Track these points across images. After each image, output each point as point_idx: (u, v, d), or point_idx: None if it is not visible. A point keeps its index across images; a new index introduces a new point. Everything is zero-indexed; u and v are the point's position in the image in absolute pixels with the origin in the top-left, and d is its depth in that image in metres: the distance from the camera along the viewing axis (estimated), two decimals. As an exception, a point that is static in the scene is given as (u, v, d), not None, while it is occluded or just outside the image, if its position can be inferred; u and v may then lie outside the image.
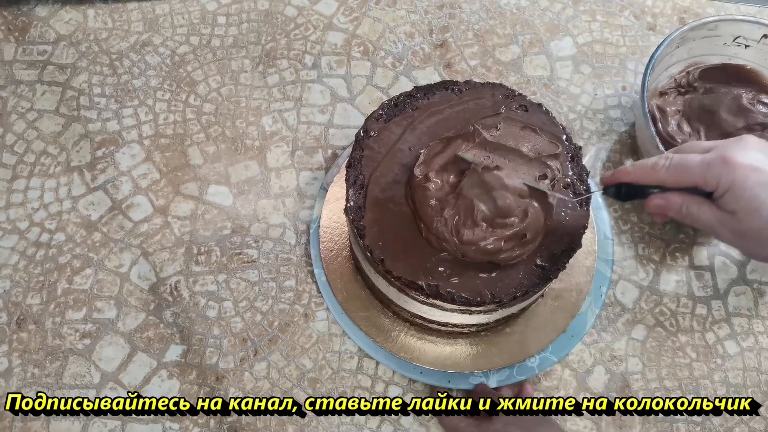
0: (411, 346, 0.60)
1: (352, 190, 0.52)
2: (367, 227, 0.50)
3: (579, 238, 0.50)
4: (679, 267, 0.65)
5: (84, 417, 0.59)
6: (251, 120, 0.69)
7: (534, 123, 0.54)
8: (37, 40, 0.72)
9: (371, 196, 0.51)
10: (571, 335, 0.60)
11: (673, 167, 0.43)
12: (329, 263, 0.62)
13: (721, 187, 0.41)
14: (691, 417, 0.60)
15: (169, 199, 0.66)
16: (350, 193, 0.52)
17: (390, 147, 0.53)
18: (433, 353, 0.59)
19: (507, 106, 0.54)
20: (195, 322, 0.62)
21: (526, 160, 0.51)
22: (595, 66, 0.73)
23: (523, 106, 0.55)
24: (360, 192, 0.52)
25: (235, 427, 0.59)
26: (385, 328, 0.60)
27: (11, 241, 0.64)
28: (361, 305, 0.61)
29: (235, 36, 0.73)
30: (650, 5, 0.76)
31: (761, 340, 0.63)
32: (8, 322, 0.61)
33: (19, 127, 0.69)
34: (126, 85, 0.70)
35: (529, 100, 0.55)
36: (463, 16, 0.75)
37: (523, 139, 0.52)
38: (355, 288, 0.61)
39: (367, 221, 0.51)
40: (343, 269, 0.62)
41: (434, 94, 0.56)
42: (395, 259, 0.49)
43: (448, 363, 0.59)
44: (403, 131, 0.54)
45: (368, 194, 0.52)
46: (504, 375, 0.59)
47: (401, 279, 0.49)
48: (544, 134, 0.53)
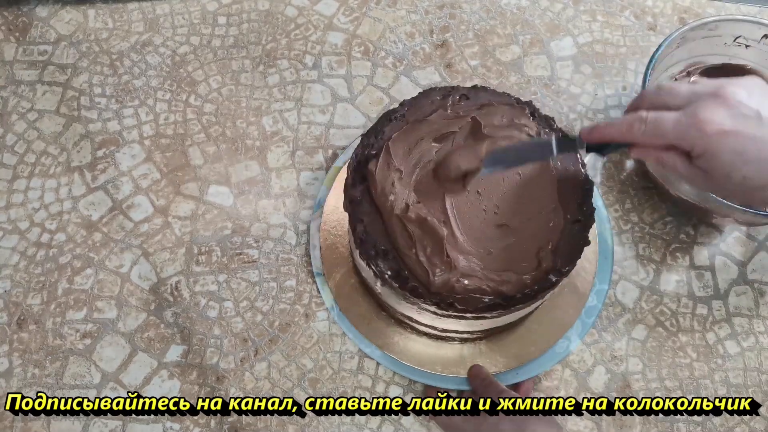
0: (410, 347, 0.60)
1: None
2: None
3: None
4: (680, 267, 0.65)
5: (84, 417, 0.59)
6: (252, 120, 0.69)
7: (483, 101, 0.54)
8: (37, 41, 0.72)
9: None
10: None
11: (649, 129, 0.43)
12: (329, 264, 0.62)
13: (695, 151, 0.42)
14: (691, 417, 0.60)
15: (169, 199, 0.66)
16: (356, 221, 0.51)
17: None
18: (434, 355, 0.59)
19: (451, 106, 0.54)
20: (195, 322, 0.62)
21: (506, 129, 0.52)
22: (595, 66, 0.73)
23: (463, 95, 0.55)
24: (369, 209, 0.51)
25: (235, 427, 0.59)
26: (384, 329, 0.60)
27: (12, 241, 0.64)
28: (361, 306, 0.61)
29: (236, 36, 0.73)
30: (650, 5, 0.76)
31: (762, 340, 0.63)
32: (9, 322, 0.61)
33: (20, 128, 0.69)
34: (126, 85, 0.71)
35: (466, 87, 0.55)
36: (463, 16, 0.75)
37: (488, 114, 0.53)
38: (355, 289, 0.61)
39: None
40: (343, 270, 0.62)
41: (383, 125, 0.54)
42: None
43: (448, 365, 0.59)
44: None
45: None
46: (506, 377, 0.59)
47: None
48: (500, 105, 0.53)
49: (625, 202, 0.67)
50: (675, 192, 0.62)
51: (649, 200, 0.67)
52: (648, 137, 0.44)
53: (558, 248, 0.49)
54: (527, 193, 0.51)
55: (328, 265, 0.62)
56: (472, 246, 0.49)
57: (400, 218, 0.49)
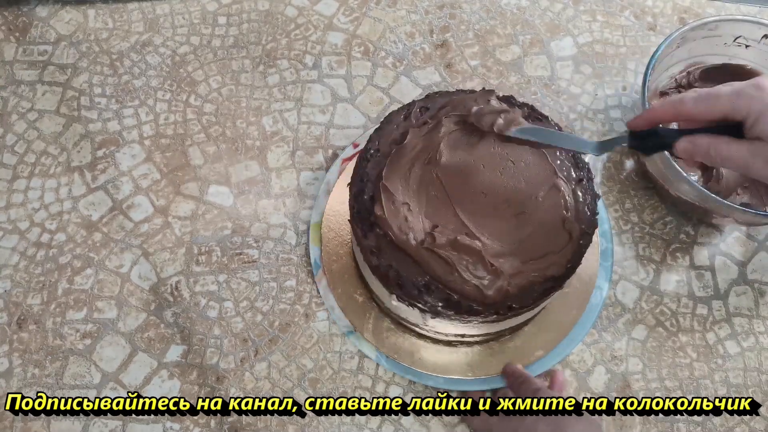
0: (411, 349, 0.60)
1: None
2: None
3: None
4: (680, 267, 0.65)
5: (84, 417, 0.59)
6: (252, 120, 0.69)
7: (442, 103, 0.54)
8: (37, 41, 0.72)
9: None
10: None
11: (701, 98, 0.42)
12: (329, 265, 0.62)
13: (752, 114, 0.40)
14: (691, 417, 0.60)
15: (169, 199, 0.66)
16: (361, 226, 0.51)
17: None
18: (434, 357, 0.59)
19: (417, 121, 0.54)
20: (196, 322, 0.62)
21: None
22: (595, 66, 0.73)
23: (422, 108, 0.54)
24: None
25: (235, 427, 0.59)
26: (384, 331, 0.60)
27: (12, 241, 0.64)
28: (361, 308, 0.61)
29: (236, 36, 0.73)
30: (650, 5, 0.76)
31: (762, 340, 0.63)
32: (9, 322, 0.61)
33: (20, 128, 0.69)
34: (126, 85, 0.71)
35: (420, 99, 0.55)
36: (463, 16, 0.75)
37: (457, 108, 0.53)
38: (356, 290, 0.61)
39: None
40: (344, 271, 0.62)
41: (364, 168, 0.53)
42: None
43: (450, 368, 0.59)
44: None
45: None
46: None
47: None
48: (460, 100, 0.54)
49: (625, 202, 0.67)
50: (675, 192, 0.62)
51: (649, 200, 0.67)
52: (699, 105, 0.42)
53: (578, 215, 0.50)
54: (526, 176, 0.51)
55: (328, 266, 0.62)
56: (503, 244, 0.49)
57: (430, 249, 0.49)
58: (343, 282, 0.62)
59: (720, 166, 0.43)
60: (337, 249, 0.63)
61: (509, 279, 0.48)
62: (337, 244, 0.63)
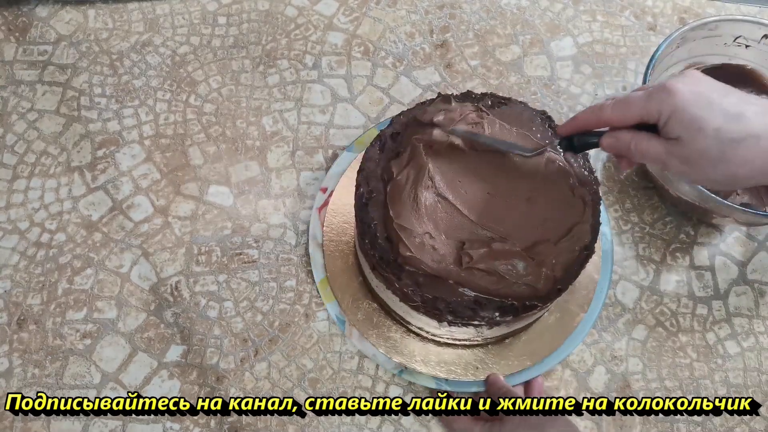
0: (411, 350, 0.60)
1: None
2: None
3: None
4: (680, 267, 0.65)
5: (84, 417, 0.59)
6: (252, 120, 0.69)
7: (406, 122, 0.55)
8: (37, 41, 0.72)
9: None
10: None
11: (617, 105, 0.44)
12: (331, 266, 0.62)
13: (663, 114, 0.42)
14: (691, 417, 0.60)
15: (169, 199, 0.66)
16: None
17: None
18: (435, 358, 0.59)
19: (394, 149, 0.54)
20: (195, 322, 0.62)
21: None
22: (595, 66, 0.73)
23: (394, 134, 0.54)
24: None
25: (235, 427, 0.59)
26: (385, 331, 0.60)
27: (12, 241, 0.64)
28: (362, 308, 0.61)
29: (236, 36, 0.73)
30: (650, 5, 0.76)
31: (762, 340, 0.63)
32: (9, 322, 0.61)
33: (20, 128, 0.69)
34: (126, 85, 0.70)
35: (387, 129, 0.55)
36: (463, 16, 0.75)
37: (434, 124, 0.54)
38: (357, 291, 0.61)
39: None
40: (345, 271, 0.62)
41: (366, 212, 0.52)
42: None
43: (451, 369, 0.59)
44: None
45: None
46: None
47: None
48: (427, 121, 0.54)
49: (625, 202, 0.67)
50: (675, 192, 0.62)
51: (649, 200, 0.67)
52: (617, 112, 0.44)
53: (580, 179, 0.51)
54: (520, 162, 0.52)
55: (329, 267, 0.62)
56: (529, 233, 0.50)
57: (472, 269, 0.49)
58: (369, 325, 0.61)
59: (641, 161, 0.46)
60: (338, 251, 0.63)
61: (552, 265, 0.49)
62: (339, 246, 0.63)
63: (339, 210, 0.63)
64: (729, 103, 0.41)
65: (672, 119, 0.42)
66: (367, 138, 0.66)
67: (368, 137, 0.65)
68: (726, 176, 0.42)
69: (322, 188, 0.65)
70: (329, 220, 0.63)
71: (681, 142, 0.42)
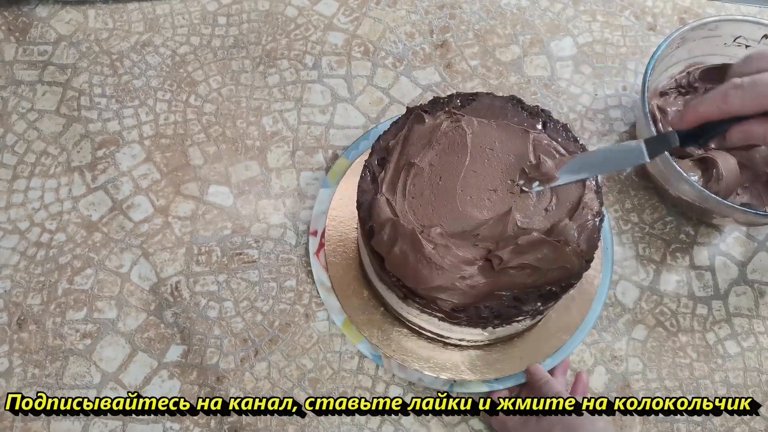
0: (412, 350, 0.60)
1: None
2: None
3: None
4: (680, 267, 0.65)
5: (84, 417, 0.59)
6: (252, 120, 0.69)
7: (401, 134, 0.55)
8: (37, 41, 0.72)
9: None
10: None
11: (747, 94, 0.40)
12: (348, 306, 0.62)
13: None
14: (691, 417, 0.60)
15: (169, 199, 0.66)
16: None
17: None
18: (437, 358, 0.59)
19: (395, 161, 0.54)
20: (195, 322, 0.62)
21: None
22: (595, 66, 0.73)
23: (379, 160, 0.54)
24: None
25: (235, 427, 0.59)
26: (386, 331, 0.60)
27: (12, 241, 0.64)
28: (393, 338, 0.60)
29: (236, 36, 0.73)
30: (650, 5, 0.76)
31: (762, 340, 0.63)
32: (9, 322, 0.61)
33: (20, 128, 0.69)
34: (126, 85, 0.70)
35: (372, 159, 0.54)
36: (463, 16, 0.75)
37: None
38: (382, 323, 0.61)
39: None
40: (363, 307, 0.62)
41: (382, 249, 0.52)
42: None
43: (453, 369, 0.59)
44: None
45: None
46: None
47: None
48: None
49: (625, 202, 0.67)
50: (675, 192, 0.62)
51: (649, 200, 0.67)
52: (747, 101, 0.40)
53: (569, 151, 0.53)
54: (508, 150, 0.53)
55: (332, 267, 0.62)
56: (542, 215, 0.51)
57: (506, 269, 0.49)
58: (405, 352, 0.60)
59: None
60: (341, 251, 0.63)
61: (577, 240, 0.50)
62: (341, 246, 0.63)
63: (337, 250, 0.62)
64: None
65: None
66: (338, 169, 0.65)
67: (338, 168, 0.65)
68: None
69: (312, 231, 0.63)
70: (331, 262, 0.62)
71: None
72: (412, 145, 0.53)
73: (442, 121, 0.53)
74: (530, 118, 0.54)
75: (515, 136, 0.53)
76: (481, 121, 0.54)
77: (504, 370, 0.59)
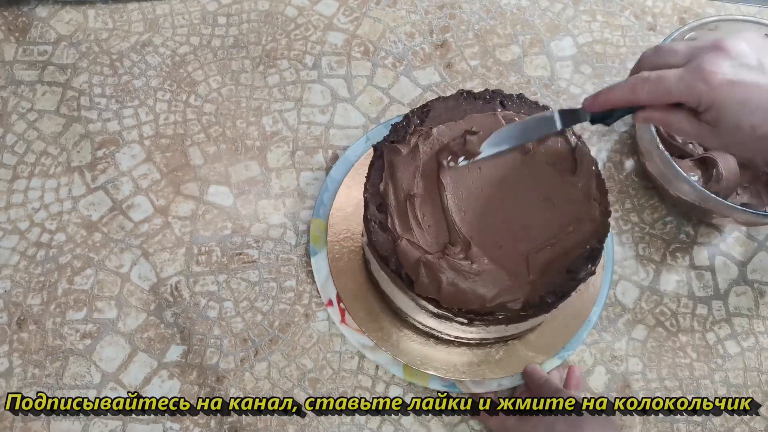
0: (414, 350, 0.60)
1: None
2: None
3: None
4: (680, 267, 0.65)
5: (84, 417, 0.59)
6: (252, 120, 0.69)
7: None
8: (37, 41, 0.72)
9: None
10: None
11: (653, 89, 0.43)
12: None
13: (702, 104, 0.41)
14: (691, 417, 0.60)
15: (169, 199, 0.66)
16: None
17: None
18: (439, 359, 0.59)
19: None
20: (195, 322, 0.62)
21: None
22: (595, 66, 0.73)
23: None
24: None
25: (235, 427, 0.59)
26: (387, 331, 0.60)
27: (12, 241, 0.64)
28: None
29: (236, 36, 0.73)
30: (650, 5, 0.76)
31: (762, 340, 0.63)
32: (9, 322, 0.61)
33: (20, 128, 0.69)
34: (126, 85, 0.71)
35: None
36: (463, 16, 0.75)
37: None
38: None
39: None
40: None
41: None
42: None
43: (457, 369, 0.59)
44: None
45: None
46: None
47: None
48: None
49: (625, 202, 0.67)
50: (675, 192, 0.62)
51: (649, 200, 0.67)
52: (653, 96, 0.43)
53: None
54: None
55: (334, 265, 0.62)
56: (564, 223, 0.51)
57: (526, 257, 0.49)
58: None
59: (675, 133, 0.45)
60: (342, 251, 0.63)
61: (591, 190, 0.51)
62: (343, 245, 0.63)
63: (357, 311, 0.61)
64: (766, 97, 0.40)
65: (710, 111, 0.41)
66: (318, 230, 0.63)
67: (318, 230, 0.63)
68: (758, 154, 0.43)
69: (327, 303, 0.61)
70: (360, 319, 0.61)
71: (718, 130, 0.42)
72: (402, 178, 0.52)
73: (416, 142, 0.53)
74: (486, 103, 0.54)
75: (487, 122, 0.53)
76: (448, 124, 0.53)
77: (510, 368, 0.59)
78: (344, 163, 0.65)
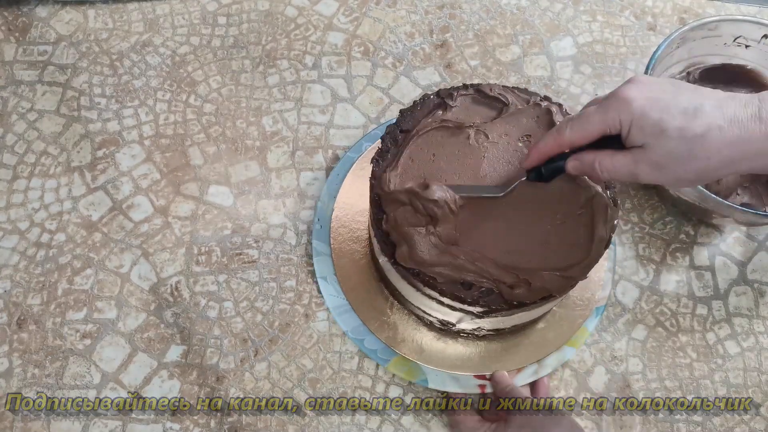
0: (416, 347, 0.60)
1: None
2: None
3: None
4: (680, 267, 0.65)
5: (84, 417, 0.59)
6: (252, 120, 0.69)
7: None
8: (37, 41, 0.72)
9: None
10: None
11: (575, 124, 0.44)
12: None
13: (624, 124, 0.42)
14: (691, 417, 0.60)
15: (169, 199, 0.66)
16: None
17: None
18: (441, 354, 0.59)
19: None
20: (195, 322, 0.62)
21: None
22: (595, 66, 0.73)
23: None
24: None
25: (235, 427, 0.59)
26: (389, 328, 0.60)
27: (12, 241, 0.64)
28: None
29: (236, 36, 0.73)
30: (650, 5, 0.76)
31: (762, 340, 0.63)
32: (9, 322, 0.61)
33: (20, 128, 0.69)
34: (126, 85, 0.71)
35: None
36: (463, 17, 0.75)
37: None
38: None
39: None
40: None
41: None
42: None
43: (457, 364, 0.59)
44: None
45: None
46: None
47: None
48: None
49: (625, 202, 0.67)
50: (675, 192, 0.62)
51: (649, 200, 0.67)
52: (577, 131, 0.44)
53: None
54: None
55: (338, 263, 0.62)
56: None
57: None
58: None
59: (608, 179, 0.46)
60: (344, 249, 0.63)
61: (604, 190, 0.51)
62: (344, 243, 0.63)
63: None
64: (684, 100, 0.41)
65: (634, 127, 0.41)
66: (319, 230, 0.63)
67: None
68: (697, 172, 0.42)
69: None
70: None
71: (647, 148, 0.42)
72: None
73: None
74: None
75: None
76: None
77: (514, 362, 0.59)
78: (344, 163, 0.66)
